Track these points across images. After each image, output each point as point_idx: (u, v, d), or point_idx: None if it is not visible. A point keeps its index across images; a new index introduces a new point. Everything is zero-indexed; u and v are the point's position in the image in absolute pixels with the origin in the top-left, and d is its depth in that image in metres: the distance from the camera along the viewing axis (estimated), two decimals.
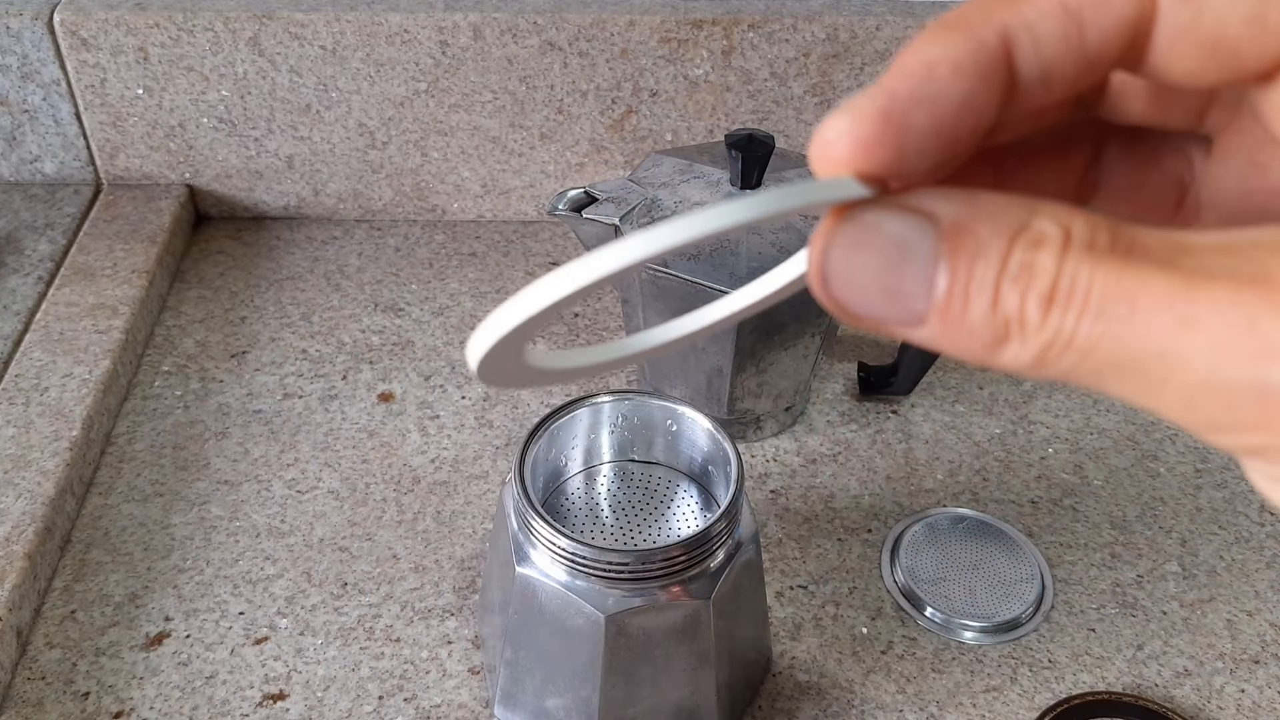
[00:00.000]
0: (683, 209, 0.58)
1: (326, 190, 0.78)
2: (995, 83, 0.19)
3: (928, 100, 0.19)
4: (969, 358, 0.19)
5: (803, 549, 0.57)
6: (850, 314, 0.19)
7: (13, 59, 0.72)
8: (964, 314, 0.18)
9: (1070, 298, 0.17)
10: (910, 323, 0.18)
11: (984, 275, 0.18)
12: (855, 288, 0.19)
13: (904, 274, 0.18)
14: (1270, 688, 0.52)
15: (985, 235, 0.18)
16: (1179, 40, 0.19)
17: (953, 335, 0.18)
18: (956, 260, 0.18)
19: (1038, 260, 0.17)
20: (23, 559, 0.52)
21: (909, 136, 0.19)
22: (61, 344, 0.64)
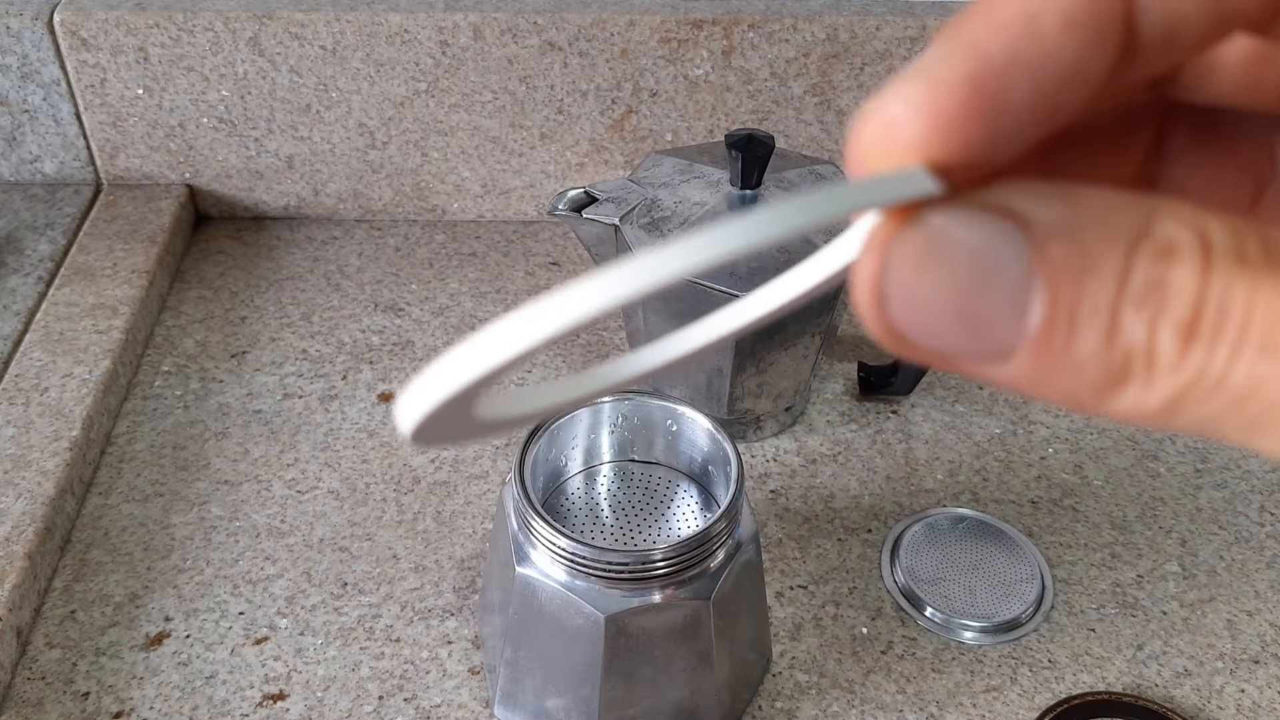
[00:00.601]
0: (685, 208, 0.58)
1: (326, 190, 0.78)
2: (1112, 41, 0.15)
3: (1030, 63, 0.14)
4: (1067, 401, 0.15)
5: (803, 549, 0.57)
6: (911, 345, 0.15)
7: (13, 59, 0.72)
8: (1068, 346, 0.14)
9: (1221, 326, 0.13)
10: (991, 357, 0.14)
11: (1097, 296, 0.14)
12: (923, 313, 0.15)
13: (987, 295, 0.14)
14: (1270, 688, 0.52)
15: (1094, 244, 0.14)
16: None
17: (1050, 374, 0.14)
18: (1058, 276, 0.14)
19: (1170, 277, 0.14)
20: (23, 559, 0.52)
21: (1005, 113, 0.14)
22: (61, 344, 0.64)
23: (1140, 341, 0.14)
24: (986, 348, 0.14)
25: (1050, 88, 0.14)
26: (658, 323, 0.60)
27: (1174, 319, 0.13)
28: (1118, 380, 0.14)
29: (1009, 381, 0.15)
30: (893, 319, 0.15)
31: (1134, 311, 0.14)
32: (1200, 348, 0.13)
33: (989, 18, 0.14)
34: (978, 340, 0.14)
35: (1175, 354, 0.14)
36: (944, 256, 0.14)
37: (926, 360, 0.15)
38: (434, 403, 0.15)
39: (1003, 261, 0.14)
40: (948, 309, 0.14)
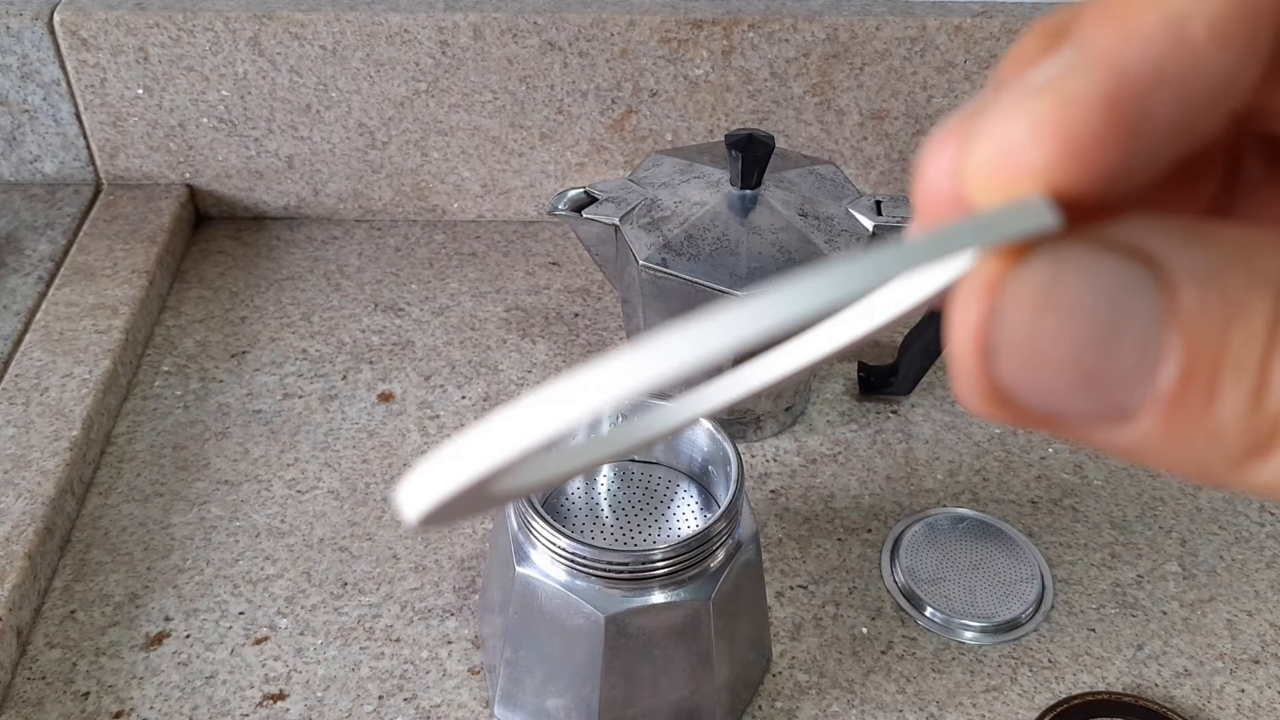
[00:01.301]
0: (685, 208, 0.58)
1: (326, 190, 0.78)
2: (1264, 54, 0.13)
3: (1176, 79, 0.12)
4: (1197, 471, 0.13)
5: (803, 549, 0.57)
6: (1018, 406, 0.13)
7: (13, 59, 0.72)
8: (1207, 408, 0.12)
9: None
10: (1112, 418, 0.13)
11: (1243, 350, 0.12)
12: (1039, 368, 0.13)
13: (1113, 349, 0.12)
14: (1270, 688, 0.52)
15: (1238, 290, 0.12)
16: None
17: (1182, 440, 0.12)
18: (1197, 327, 0.12)
19: None
20: (23, 559, 0.52)
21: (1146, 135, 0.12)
22: (61, 344, 0.64)
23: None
24: (1109, 410, 0.12)
25: (1197, 107, 0.12)
26: (658, 323, 0.60)
27: None
28: (1263, 448, 0.12)
29: (1130, 447, 0.13)
30: (1001, 376, 0.13)
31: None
32: None
33: (1126, 24, 0.12)
34: (1098, 401, 0.12)
35: None
36: (1066, 303, 0.12)
37: (1031, 424, 0.13)
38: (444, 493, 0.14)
39: (1132, 310, 0.12)
40: (1067, 364, 0.12)
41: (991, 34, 0.71)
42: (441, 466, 0.14)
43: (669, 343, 0.12)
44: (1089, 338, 0.12)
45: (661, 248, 0.56)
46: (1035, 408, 0.13)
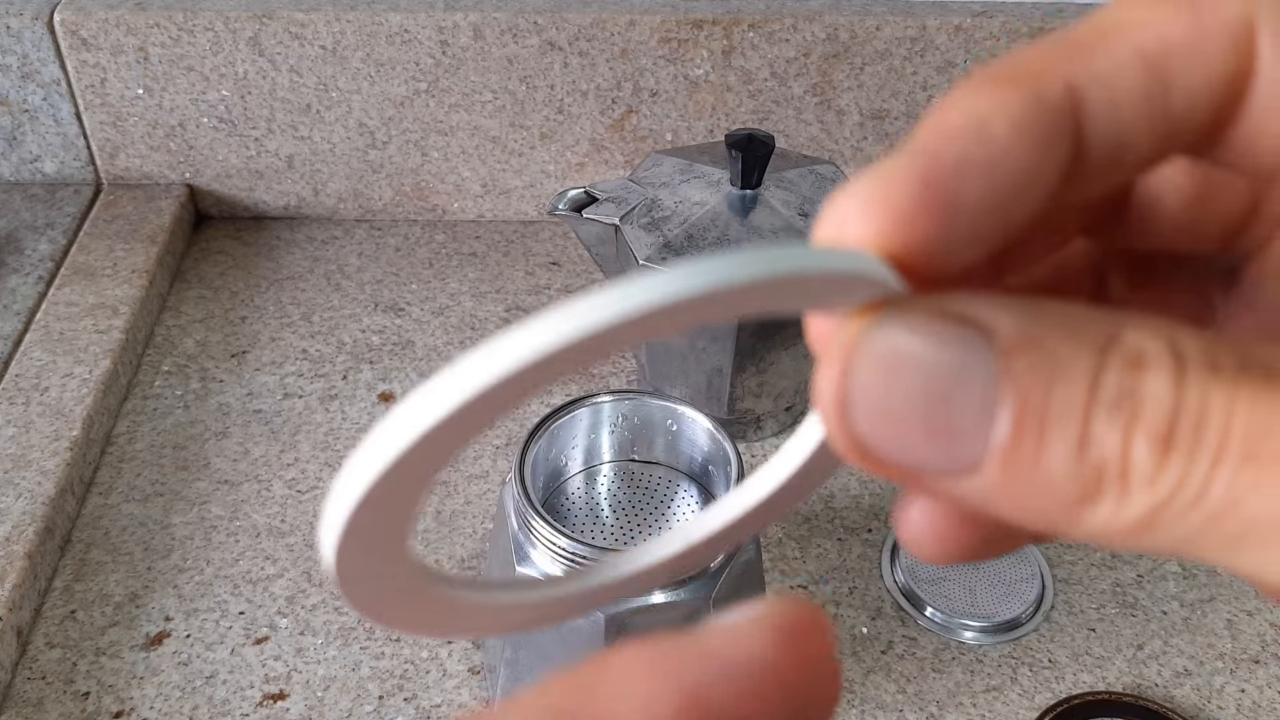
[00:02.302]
0: (685, 208, 0.58)
1: (326, 190, 0.78)
2: (1060, 149, 0.15)
3: (979, 167, 0.14)
4: (1039, 518, 0.14)
5: (803, 549, 0.57)
6: (877, 459, 0.14)
7: (13, 59, 0.72)
8: (1038, 458, 0.13)
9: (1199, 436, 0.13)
10: (958, 471, 0.14)
11: (1067, 403, 0.13)
12: (888, 423, 0.14)
13: (953, 405, 0.14)
14: (1270, 688, 0.52)
15: (1062, 352, 0.13)
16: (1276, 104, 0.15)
17: (1020, 488, 0.13)
18: (1025, 384, 0.13)
19: (1143, 385, 0.13)
20: (23, 559, 0.52)
21: (958, 212, 0.14)
22: (62, 344, 0.64)
23: (1114, 452, 0.13)
24: (954, 462, 0.14)
25: (1002, 190, 0.14)
26: None
27: (1149, 428, 0.13)
28: (1091, 495, 0.13)
29: (978, 497, 0.14)
30: (857, 429, 0.14)
31: (1107, 420, 0.13)
32: (1178, 460, 0.13)
33: (940, 124, 0.14)
34: (944, 454, 0.14)
35: (1152, 466, 0.13)
36: (909, 364, 0.14)
37: (892, 476, 0.14)
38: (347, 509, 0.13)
39: (968, 370, 0.13)
40: (913, 419, 0.14)
41: (992, 34, 0.71)
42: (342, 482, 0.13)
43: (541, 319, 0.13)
44: (931, 395, 0.14)
45: (662, 248, 0.56)
46: (891, 460, 0.14)
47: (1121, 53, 0.15)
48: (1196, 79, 0.15)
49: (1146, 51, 0.15)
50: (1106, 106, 0.15)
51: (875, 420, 0.14)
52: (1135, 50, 0.15)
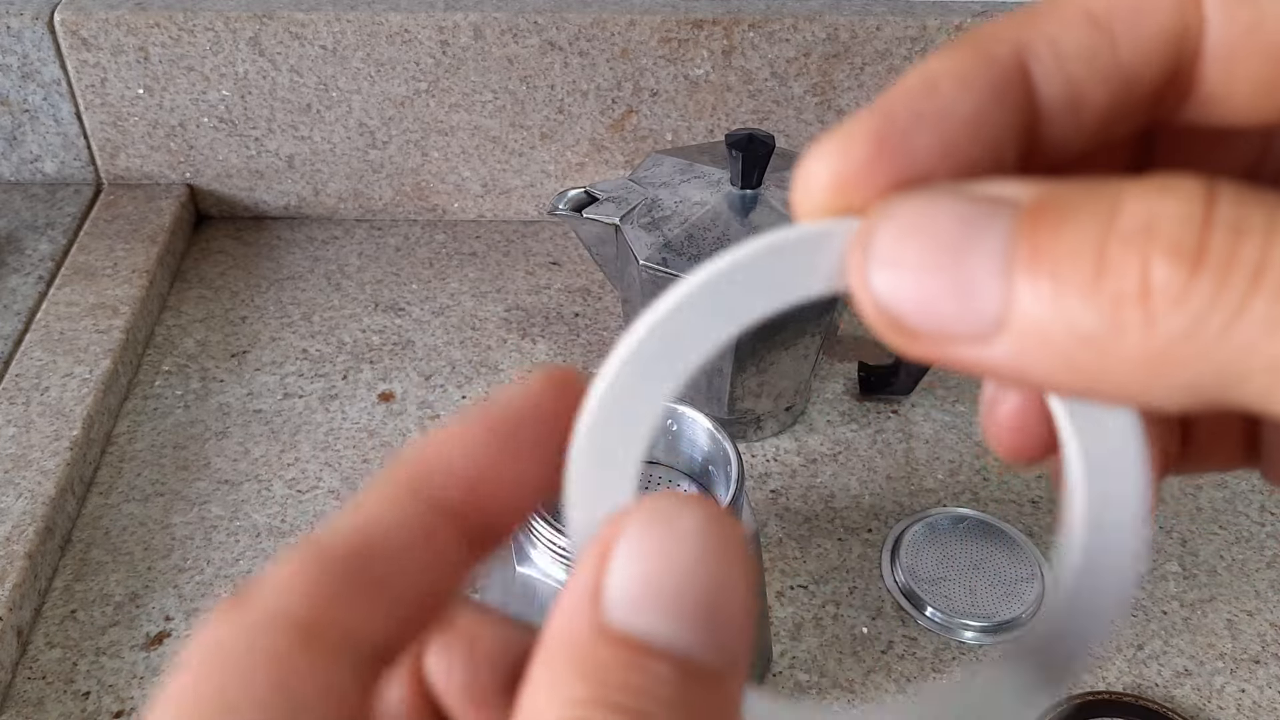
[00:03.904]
0: (685, 207, 0.58)
1: (327, 190, 0.78)
2: (1011, 101, 0.15)
3: (930, 118, 0.15)
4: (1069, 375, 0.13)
5: (803, 549, 0.57)
6: (902, 326, 0.14)
7: (13, 59, 0.72)
8: (1055, 300, 0.13)
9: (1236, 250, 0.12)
10: (983, 332, 0.14)
11: (1078, 237, 0.13)
12: (908, 280, 0.14)
13: (971, 258, 0.14)
14: (1270, 688, 0.52)
15: (1081, 199, 0.13)
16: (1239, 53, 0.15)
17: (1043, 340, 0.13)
18: (1040, 229, 0.13)
19: (1164, 207, 0.12)
20: (23, 558, 0.52)
21: (911, 162, 0.15)
22: (62, 343, 0.64)
23: (1134, 276, 0.12)
24: (977, 320, 0.14)
25: (954, 140, 0.15)
26: None
27: (1172, 245, 0.12)
28: (1112, 330, 0.13)
29: (1007, 361, 0.14)
30: (877, 288, 0.14)
31: (1122, 246, 0.12)
32: (1209, 275, 0.12)
33: (898, 85, 0.16)
34: (967, 311, 0.14)
35: (1179, 284, 0.12)
36: (928, 222, 0.14)
37: (921, 348, 0.15)
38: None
39: (986, 228, 0.14)
40: (932, 274, 0.14)
41: None
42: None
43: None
44: (950, 250, 0.14)
45: (662, 247, 0.56)
46: (916, 323, 0.14)
47: (1068, 13, 0.15)
48: (1143, 32, 0.15)
49: (1092, 11, 0.15)
50: (1053, 61, 0.15)
51: (896, 282, 0.14)
52: (1082, 10, 0.15)
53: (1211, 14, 0.15)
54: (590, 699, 0.13)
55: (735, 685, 0.14)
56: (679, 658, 0.14)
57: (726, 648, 0.14)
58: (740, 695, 0.14)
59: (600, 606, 0.14)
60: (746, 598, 0.14)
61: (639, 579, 0.14)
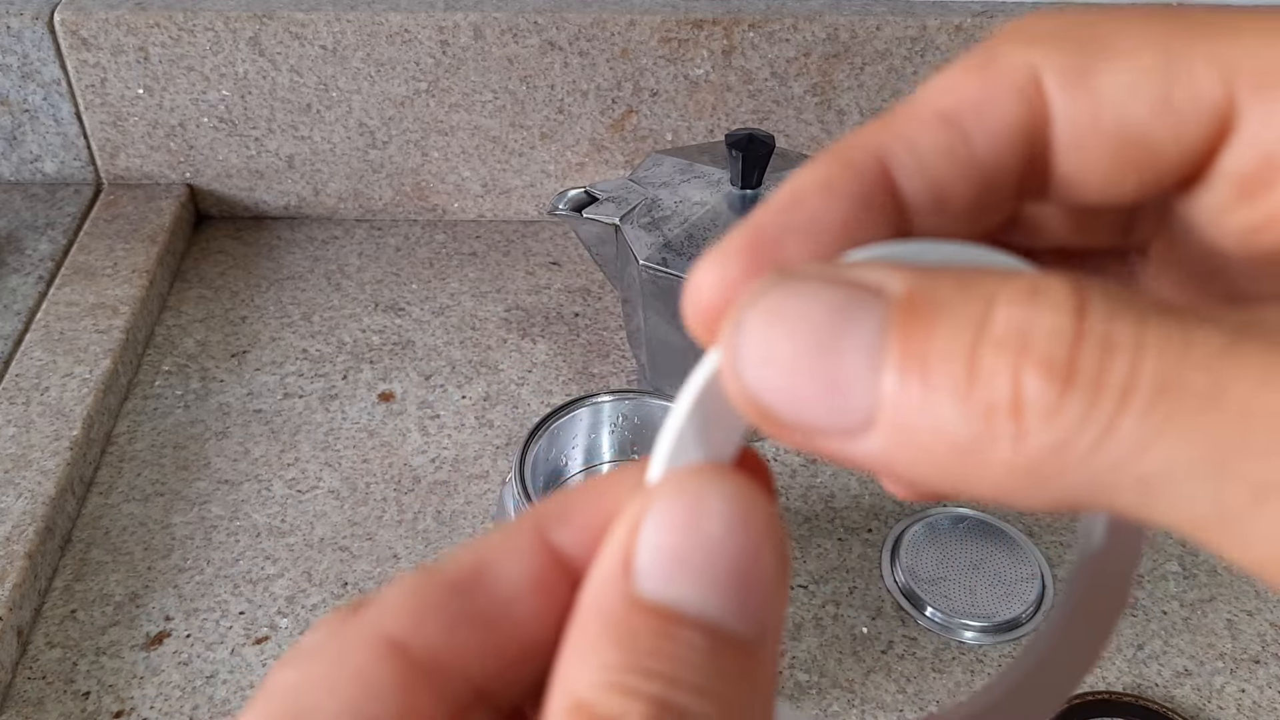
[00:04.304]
0: (685, 207, 0.58)
1: (327, 190, 0.78)
2: (876, 204, 0.16)
3: (798, 228, 0.16)
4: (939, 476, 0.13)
5: (803, 549, 0.57)
6: (773, 417, 0.14)
7: (13, 59, 0.72)
8: (924, 404, 0.13)
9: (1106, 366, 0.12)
10: (853, 428, 0.14)
11: (950, 341, 0.13)
12: (777, 375, 0.14)
13: (841, 352, 0.13)
14: (1270, 688, 0.52)
15: (954, 297, 0.13)
16: (1083, 141, 0.16)
17: (913, 441, 0.13)
18: (911, 327, 0.13)
19: (1038, 317, 0.12)
20: (23, 558, 0.52)
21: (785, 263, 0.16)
22: (62, 343, 0.64)
23: (1004, 387, 0.12)
24: (847, 418, 0.14)
25: (821, 243, 0.16)
26: (658, 323, 0.60)
27: (1044, 359, 0.12)
28: (983, 438, 0.13)
29: (876, 457, 0.14)
30: (746, 380, 0.14)
31: (994, 354, 0.12)
32: (1079, 393, 0.12)
33: (767, 203, 0.16)
34: (836, 409, 0.14)
35: (1050, 400, 0.12)
36: (797, 311, 0.14)
37: (793, 440, 0.14)
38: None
39: (855, 323, 0.14)
40: (801, 370, 0.14)
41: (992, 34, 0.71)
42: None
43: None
44: (819, 347, 0.14)
45: (662, 247, 0.56)
46: (786, 417, 0.14)
47: (922, 115, 0.16)
48: (993, 126, 0.16)
49: (943, 111, 0.16)
50: (913, 162, 0.16)
51: (764, 372, 0.14)
52: (934, 112, 0.16)
53: (1055, 103, 0.16)
54: (623, 665, 0.14)
55: (767, 654, 0.14)
56: (710, 626, 0.14)
57: (757, 617, 0.14)
58: (773, 665, 0.15)
59: (631, 577, 0.14)
60: (776, 568, 0.15)
61: (669, 550, 0.14)
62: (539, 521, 0.16)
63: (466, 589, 0.16)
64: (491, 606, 0.16)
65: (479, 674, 0.15)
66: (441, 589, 0.15)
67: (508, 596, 0.16)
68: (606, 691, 0.14)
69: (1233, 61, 0.15)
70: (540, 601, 0.16)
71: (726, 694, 0.14)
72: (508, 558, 0.16)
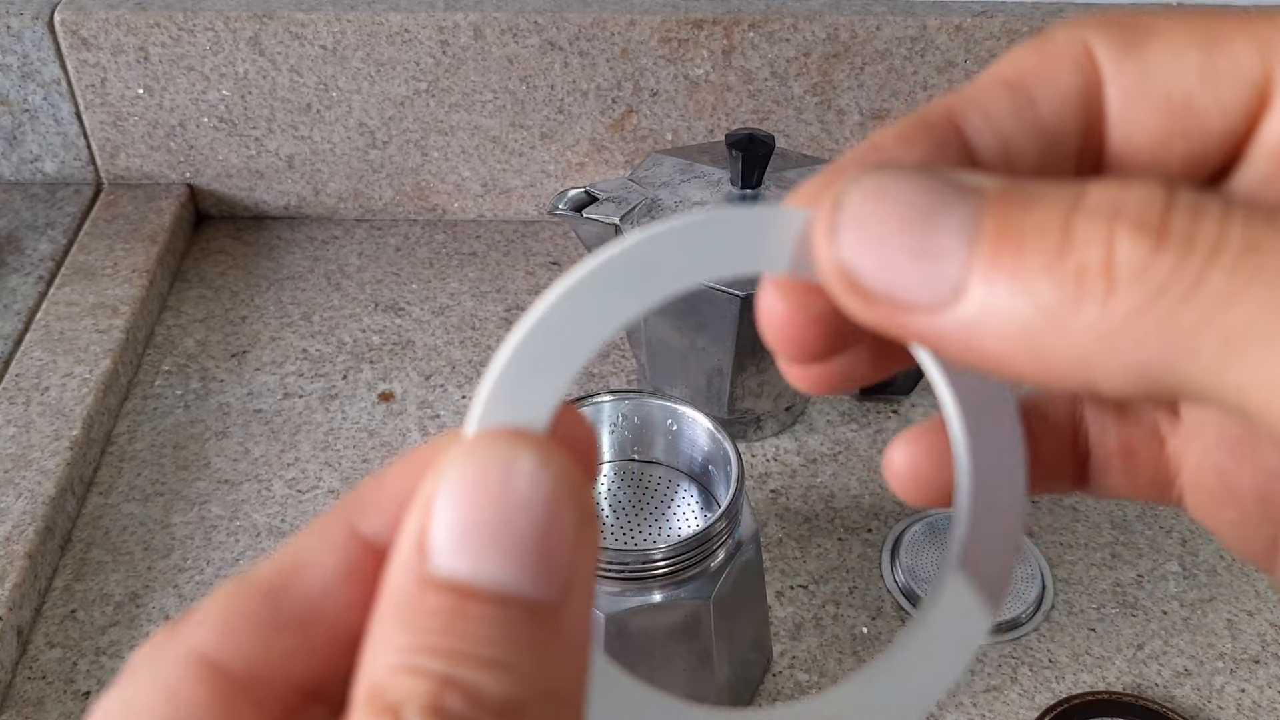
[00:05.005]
0: (683, 207, 0.58)
1: (327, 190, 0.78)
2: (951, 154, 0.17)
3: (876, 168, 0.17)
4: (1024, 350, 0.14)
5: (803, 549, 0.57)
6: (863, 290, 0.15)
7: (13, 59, 0.72)
8: (1016, 268, 0.13)
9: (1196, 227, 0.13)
10: (942, 300, 0.14)
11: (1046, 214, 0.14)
12: (873, 244, 0.15)
13: (936, 227, 0.14)
14: (1270, 688, 0.52)
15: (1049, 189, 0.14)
16: (1134, 102, 0.17)
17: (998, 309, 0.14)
18: (1006, 209, 0.14)
19: (1130, 193, 0.13)
20: (23, 558, 0.52)
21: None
22: (62, 343, 0.64)
23: (1098, 250, 0.13)
24: (937, 288, 0.14)
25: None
26: (658, 323, 0.60)
27: (1137, 221, 0.13)
28: (1070, 302, 0.13)
29: (963, 331, 0.14)
30: (841, 252, 0.15)
31: (1088, 221, 0.13)
32: (1171, 249, 0.13)
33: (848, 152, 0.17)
34: (928, 278, 0.14)
35: (1141, 258, 0.13)
36: (896, 191, 0.15)
37: (877, 314, 0.15)
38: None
39: (955, 202, 0.14)
40: (897, 239, 0.14)
41: (992, 34, 0.71)
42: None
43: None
44: (916, 220, 0.14)
45: None
46: (876, 288, 0.15)
47: (987, 82, 0.17)
48: (1054, 90, 0.17)
49: (1007, 78, 0.17)
50: (983, 120, 0.17)
51: (861, 242, 0.15)
52: (999, 80, 0.17)
53: (1107, 71, 0.17)
54: (412, 646, 0.14)
55: (573, 615, 0.14)
56: (504, 596, 0.14)
57: (554, 579, 0.14)
58: (583, 624, 0.15)
59: (425, 555, 0.14)
60: (575, 526, 0.14)
61: (458, 523, 0.14)
62: (347, 511, 0.16)
63: (277, 591, 0.16)
64: (304, 606, 0.16)
65: (301, 675, 0.15)
66: (253, 595, 0.15)
67: (320, 593, 0.16)
68: (395, 674, 0.14)
69: (1269, 39, 0.16)
70: (355, 593, 0.16)
71: (522, 664, 0.14)
72: (318, 553, 0.16)
